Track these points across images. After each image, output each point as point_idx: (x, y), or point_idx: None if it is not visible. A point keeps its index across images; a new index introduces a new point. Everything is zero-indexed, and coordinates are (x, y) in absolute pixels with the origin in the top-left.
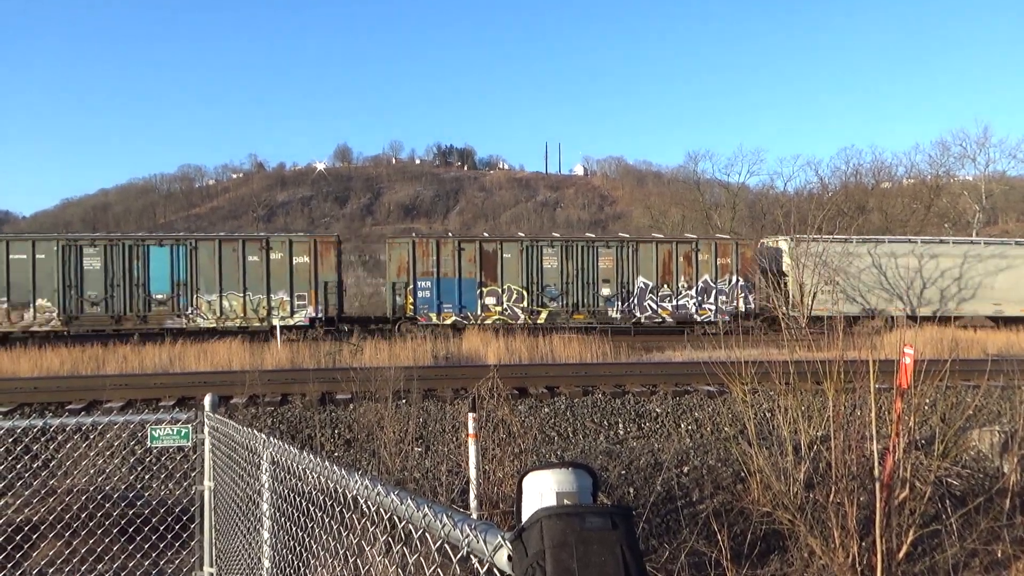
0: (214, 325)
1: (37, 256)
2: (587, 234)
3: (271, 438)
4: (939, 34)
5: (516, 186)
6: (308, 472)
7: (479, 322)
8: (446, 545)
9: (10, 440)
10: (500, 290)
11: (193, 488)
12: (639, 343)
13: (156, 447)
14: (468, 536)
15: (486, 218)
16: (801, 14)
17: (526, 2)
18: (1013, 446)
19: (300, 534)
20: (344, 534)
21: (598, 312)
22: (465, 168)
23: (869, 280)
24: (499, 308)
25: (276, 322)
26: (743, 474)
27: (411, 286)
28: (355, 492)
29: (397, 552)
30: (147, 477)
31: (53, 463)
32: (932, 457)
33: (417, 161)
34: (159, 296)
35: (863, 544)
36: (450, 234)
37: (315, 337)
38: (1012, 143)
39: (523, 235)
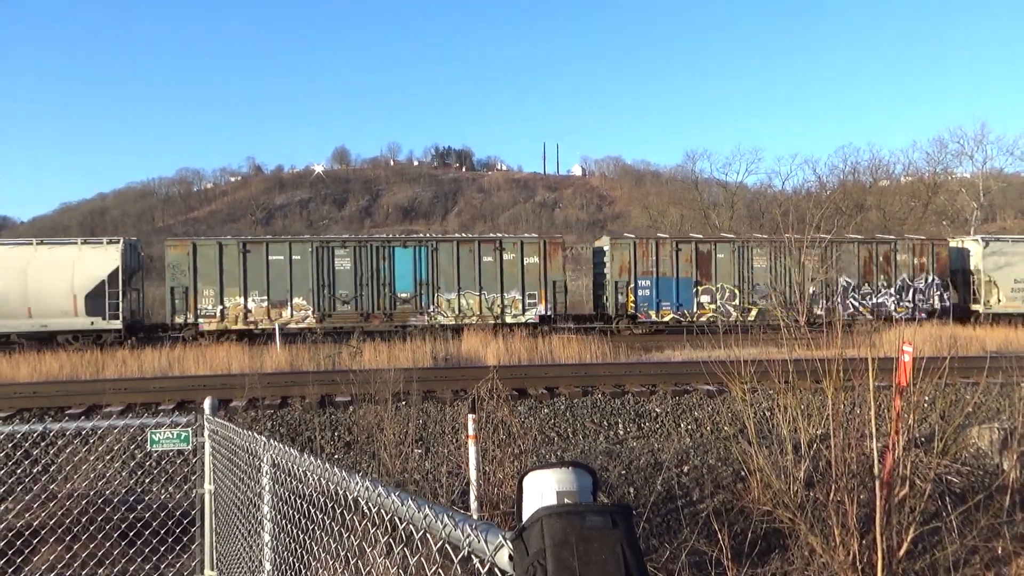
0: (453, 322)
1: (293, 257)
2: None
3: (271, 441)
4: (936, 32)
5: (514, 187)
6: (308, 474)
7: (695, 319)
8: (447, 546)
9: (10, 445)
10: (714, 289)
11: (193, 491)
12: (638, 343)
13: (156, 451)
14: (469, 536)
15: (485, 219)
16: (798, 13)
17: (523, 3)
18: (1012, 443)
19: (301, 536)
20: (345, 536)
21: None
22: (463, 169)
23: None
24: (713, 306)
25: (509, 319)
26: (743, 473)
27: (632, 285)
28: (356, 494)
29: (398, 553)
30: (147, 481)
31: (53, 468)
32: (932, 454)
33: (415, 163)
34: (403, 295)
35: (863, 542)
36: (665, 235)
37: (313, 340)
38: (1009, 140)
39: (734, 236)
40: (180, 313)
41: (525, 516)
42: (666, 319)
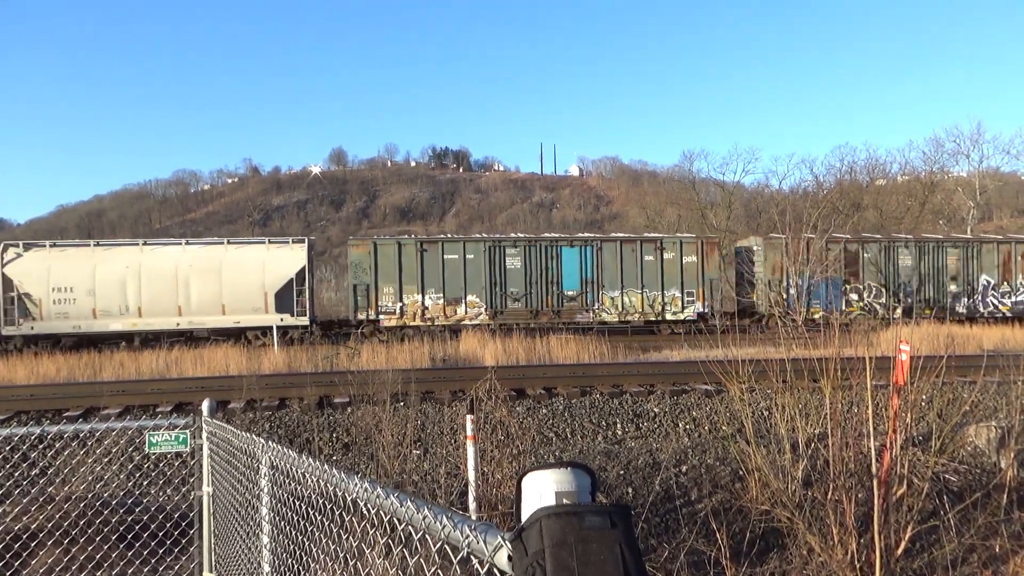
0: (617, 319)
1: (467, 256)
2: (935, 235)
3: (270, 442)
4: (932, 31)
5: (512, 187)
6: (307, 476)
7: (843, 317)
8: (446, 546)
9: (7, 448)
10: (861, 287)
11: (192, 493)
12: (636, 343)
13: (154, 453)
14: (468, 537)
15: (482, 220)
16: (795, 13)
17: (520, 3)
18: (1010, 441)
19: (300, 537)
20: (344, 537)
21: (946, 307)
22: (460, 170)
23: None
24: (860, 304)
25: (669, 316)
26: (741, 473)
27: (784, 283)
28: (355, 495)
29: (397, 554)
30: (145, 483)
31: (51, 470)
32: (929, 453)
33: (412, 163)
34: (570, 292)
35: (861, 541)
36: (813, 235)
37: (312, 342)
38: (1005, 139)
39: (880, 236)
40: (362, 310)
41: (524, 517)
42: (816, 316)
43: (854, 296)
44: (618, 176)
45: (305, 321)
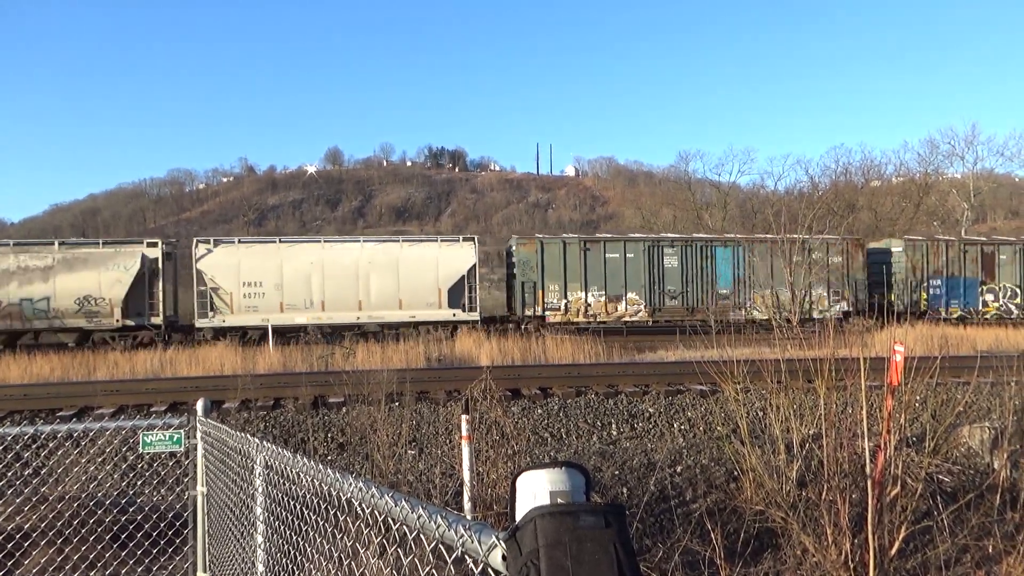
0: (767, 317)
1: (627, 255)
2: None
3: (264, 442)
4: (927, 33)
5: (508, 187)
6: (302, 476)
7: (980, 317)
8: (441, 546)
9: (0, 448)
10: (997, 288)
11: (186, 493)
12: (631, 343)
13: (148, 453)
14: (463, 536)
15: (478, 219)
16: (791, 15)
17: (516, 3)
18: (1003, 442)
19: (294, 538)
20: (338, 537)
21: None
22: (456, 170)
23: None
24: (996, 304)
25: (816, 314)
26: (736, 473)
27: (924, 284)
28: (349, 495)
29: (392, 554)
30: (139, 483)
31: (44, 470)
32: (923, 454)
33: (408, 163)
34: (723, 291)
35: (855, 541)
36: (952, 237)
37: (307, 341)
38: (1000, 141)
39: (1015, 239)
40: (529, 306)
41: (518, 516)
42: (955, 316)
43: (990, 296)
44: (614, 176)
45: (476, 316)
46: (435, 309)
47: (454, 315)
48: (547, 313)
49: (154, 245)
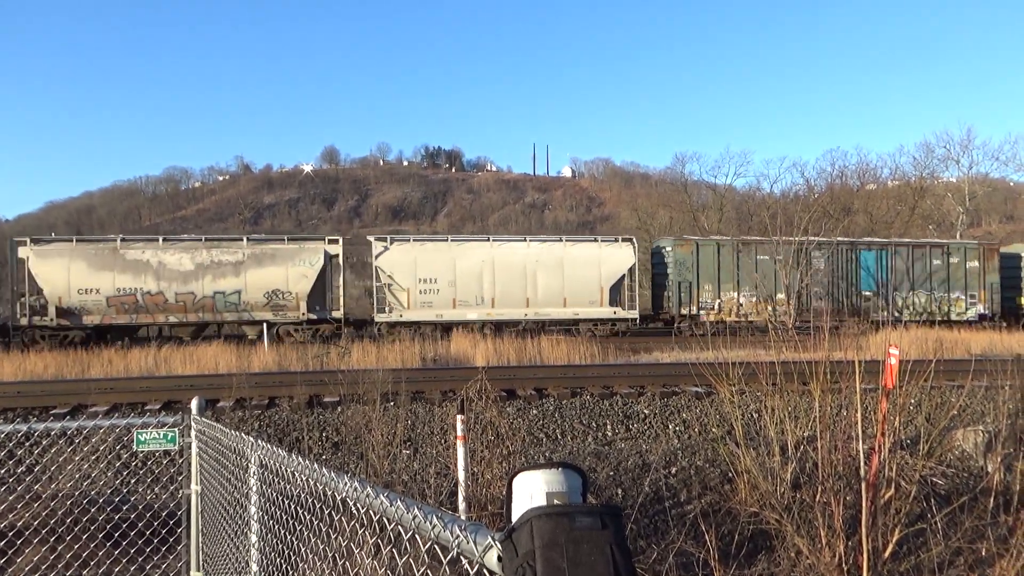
0: (908, 318)
1: (777, 258)
2: None
3: (259, 441)
4: (923, 36)
5: (504, 188)
6: (296, 475)
7: None
8: (436, 547)
9: None
10: None
11: (180, 492)
12: (627, 344)
13: (142, 451)
14: (458, 537)
15: (474, 220)
16: (787, 17)
17: (514, 4)
18: (996, 445)
19: (288, 537)
20: (333, 536)
21: None
22: (453, 170)
23: None
24: None
25: (954, 316)
26: (730, 475)
27: None
28: (344, 494)
29: (386, 554)
30: (133, 481)
31: (38, 468)
32: (917, 457)
33: (405, 163)
34: (866, 293)
35: (849, 543)
36: None
37: (302, 341)
38: (995, 145)
39: None
40: (685, 305)
41: (514, 517)
42: None
43: None
44: (610, 178)
45: (635, 314)
46: (597, 307)
47: (615, 312)
48: (701, 312)
49: (335, 242)
